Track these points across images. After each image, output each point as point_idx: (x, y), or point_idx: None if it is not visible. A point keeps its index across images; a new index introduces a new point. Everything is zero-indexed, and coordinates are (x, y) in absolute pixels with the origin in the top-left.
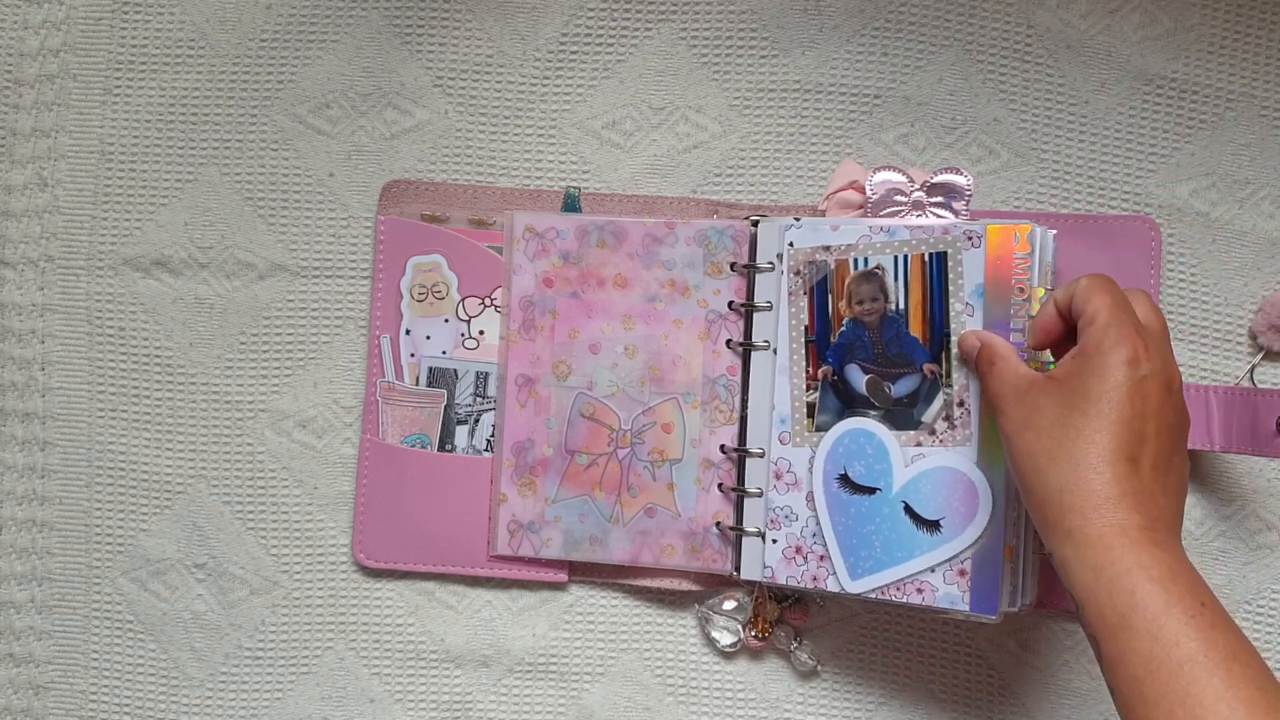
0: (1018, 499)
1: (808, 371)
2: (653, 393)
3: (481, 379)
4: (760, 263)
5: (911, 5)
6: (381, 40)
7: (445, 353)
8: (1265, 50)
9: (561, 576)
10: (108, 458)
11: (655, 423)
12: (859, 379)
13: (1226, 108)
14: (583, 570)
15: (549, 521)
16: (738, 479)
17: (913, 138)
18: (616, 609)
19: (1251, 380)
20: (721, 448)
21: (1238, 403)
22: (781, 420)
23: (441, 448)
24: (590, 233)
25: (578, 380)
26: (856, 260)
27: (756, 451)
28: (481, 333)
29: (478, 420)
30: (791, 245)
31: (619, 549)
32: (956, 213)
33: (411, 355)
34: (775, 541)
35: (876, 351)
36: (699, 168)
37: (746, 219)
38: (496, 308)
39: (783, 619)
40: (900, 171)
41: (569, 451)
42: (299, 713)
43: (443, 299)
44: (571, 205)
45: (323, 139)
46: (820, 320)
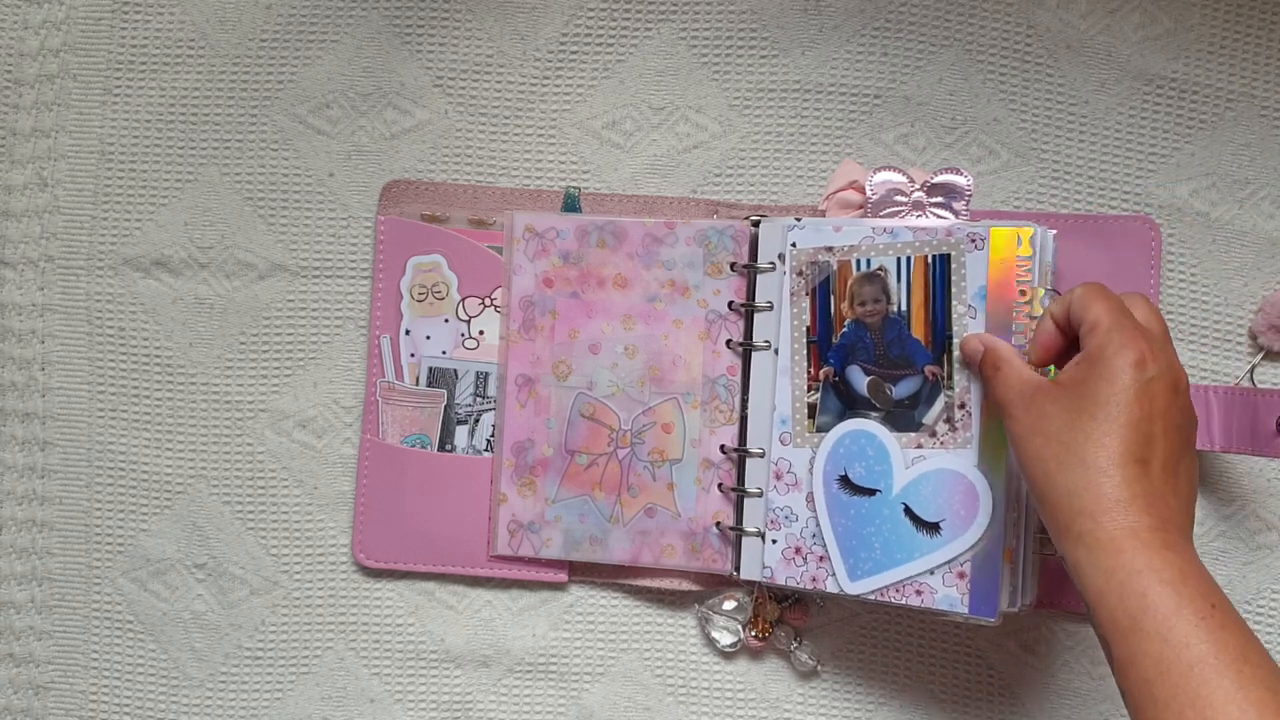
0: (1017, 501)
1: (809, 372)
2: (653, 393)
3: (481, 379)
4: (761, 263)
5: (911, 5)
6: (381, 40)
7: (445, 353)
8: (1265, 50)
9: (561, 576)
10: (108, 458)
11: (655, 423)
12: (860, 380)
13: (1226, 108)
14: (583, 570)
15: (549, 521)
16: (738, 479)
17: (913, 138)
18: (616, 609)
19: (1251, 380)
20: (721, 448)
21: (1238, 403)
22: (782, 421)
23: (441, 448)
24: (590, 233)
25: (578, 380)
26: (859, 261)
27: (756, 452)
28: (481, 333)
29: (478, 420)
30: (794, 246)
31: (619, 549)
32: (957, 213)
33: (411, 355)
34: (775, 542)
35: (878, 353)
36: (699, 168)
37: (747, 219)
38: (496, 308)
39: (783, 619)
40: (900, 171)
41: (569, 451)
42: (299, 713)
43: (443, 299)
44: (571, 205)
45: (323, 139)
46: (822, 321)
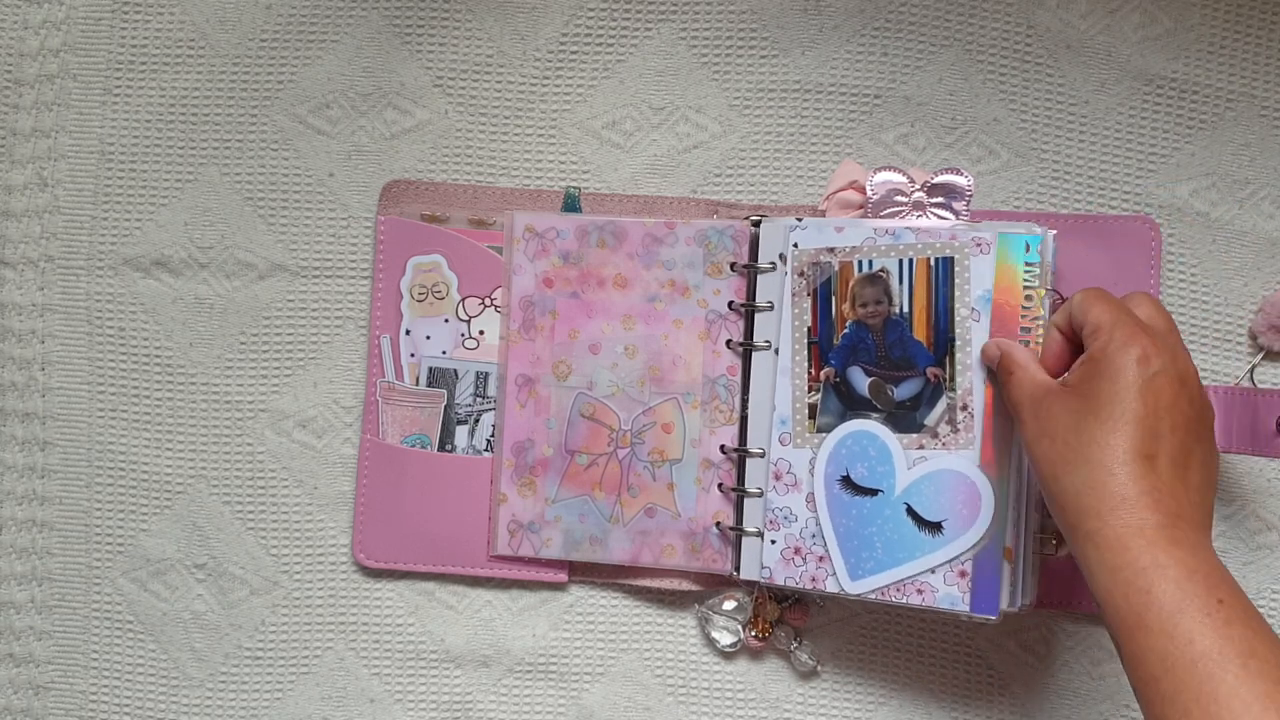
0: (1019, 500)
1: (810, 373)
2: (653, 393)
3: (481, 379)
4: (761, 263)
5: (911, 5)
6: (381, 40)
7: (445, 353)
8: (1265, 50)
9: (561, 576)
10: (108, 458)
11: (655, 423)
12: (861, 381)
13: (1226, 108)
14: (583, 570)
15: (549, 521)
16: (738, 479)
17: (913, 138)
18: (616, 609)
19: (1251, 380)
20: (721, 448)
21: (1238, 403)
22: (782, 421)
23: (441, 448)
24: (590, 233)
25: (578, 380)
26: (861, 262)
27: (756, 452)
28: (481, 333)
29: (478, 420)
30: (796, 246)
31: (619, 549)
32: (957, 213)
33: (411, 355)
34: (774, 542)
35: (880, 354)
36: (699, 168)
37: (747, 219)
38: (496, 308)
39: (783, 619)
40: (900, 172)
41: (569, 451)
42: (299, 713)
43: (443, 299)
44: (571, 205)
45: (323, 139)
46: (823, 322)
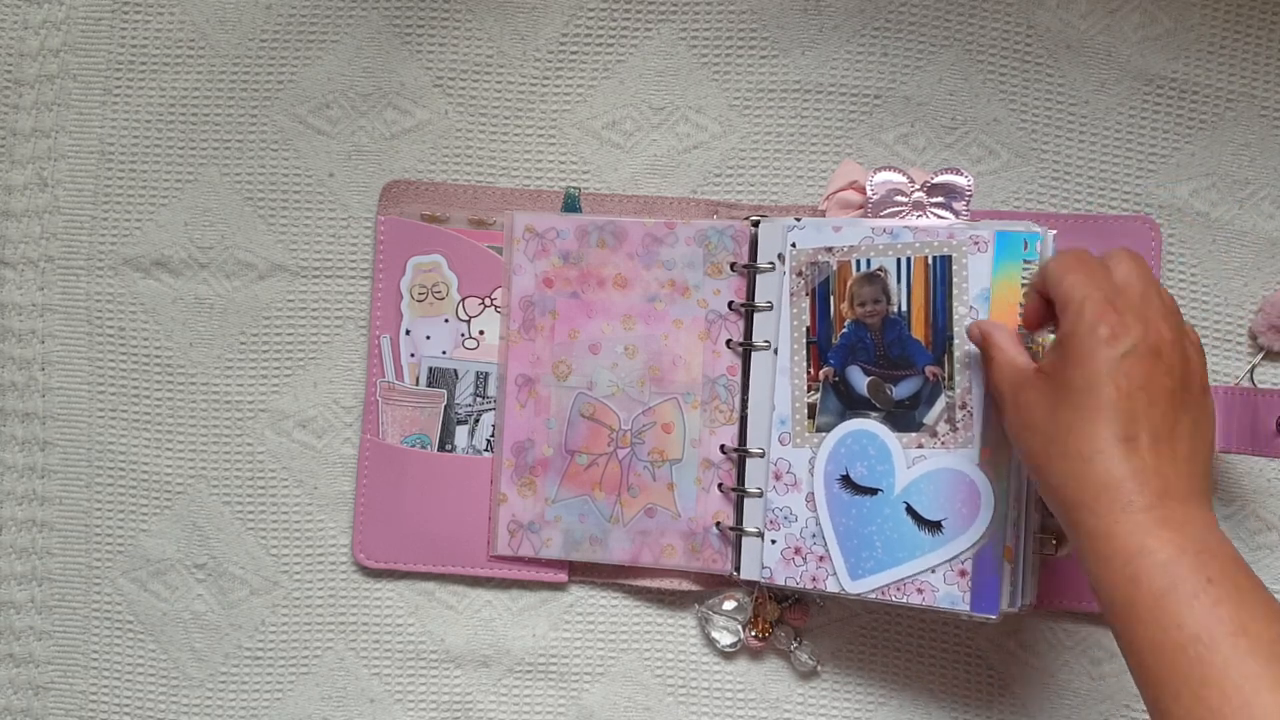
0: (1018, 499)
1: (809, 372)
2: (653, 393)
3: (481, 379)
4: (761, 263)
5: (911, 5)
6: (381, 40)
7: (445, 353)
8: (1265, 50)
9: (561, 576)
10: (108, 458)
11: (655, 423)
12: (860, 381)
13: (1226, 108)
14: (583, 570)
15: (549, 521)
16: (738, 479)
17: (913, 138)
18: (616, 609)
19: (1251, 380)
20: (721, 448)
21: (1238, 403)
22: (781, 421)
23: (441, 448)
24: (590, 233)
25: (578, 380)
26: (859, 262)
27: (756, 452)
28: (481, 333)
29: (478, 420)
30: (794, 246)
31: (619, 549)
32: (957, 213)
33: (411, 355)
34: (774, 542)
35: (878, 353)
36: (699, 168)
37: (746, 219)
38: (496, 308)
39: (783, 619)
40: (900, 172)
41: (569, 451)
42: (299, 713)
43: (443, 299)
44: (571, 205)
45: (323, 139)
46: (822, 321)
